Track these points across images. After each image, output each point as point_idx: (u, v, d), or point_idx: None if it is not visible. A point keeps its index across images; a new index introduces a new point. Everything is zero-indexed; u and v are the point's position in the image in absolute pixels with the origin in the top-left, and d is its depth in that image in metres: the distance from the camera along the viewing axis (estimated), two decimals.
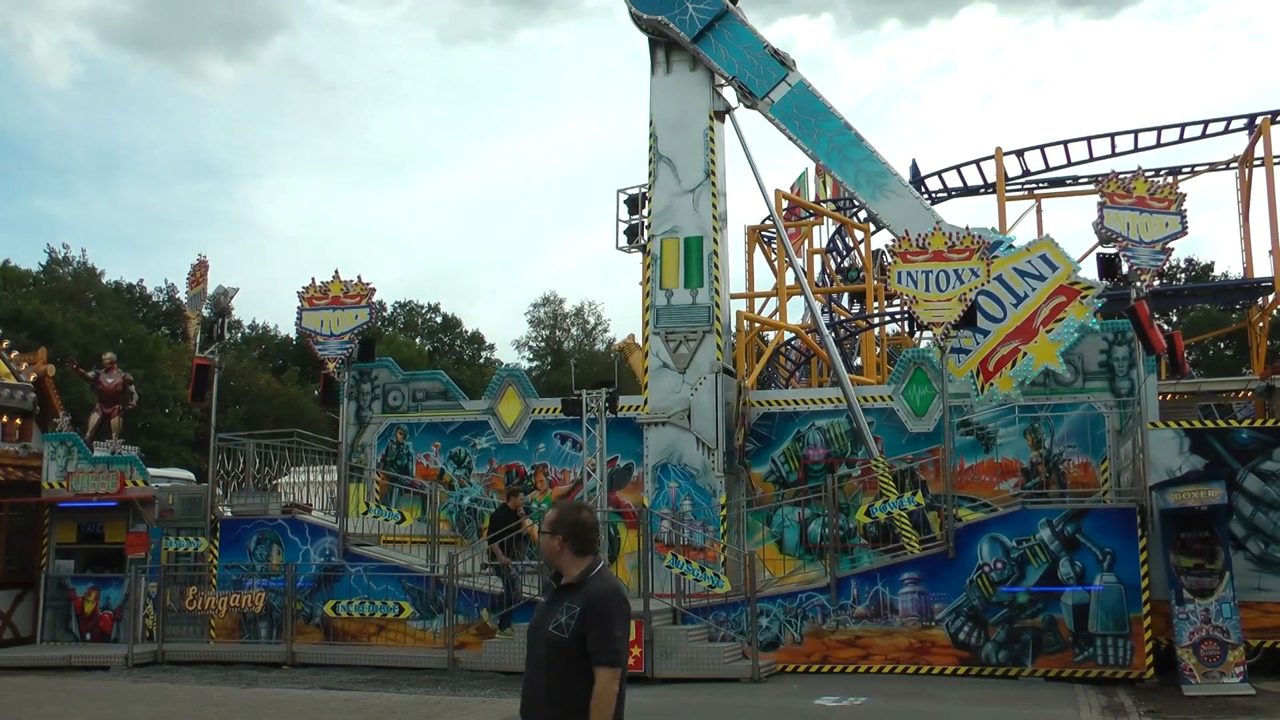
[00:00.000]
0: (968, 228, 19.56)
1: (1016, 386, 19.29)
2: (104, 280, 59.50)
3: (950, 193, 34.06)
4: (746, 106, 22.60)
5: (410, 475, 23.90)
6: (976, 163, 32.47)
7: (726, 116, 22.96)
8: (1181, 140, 30.73)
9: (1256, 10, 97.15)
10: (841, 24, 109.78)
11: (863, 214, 35.92)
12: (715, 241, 22.14)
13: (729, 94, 23.07)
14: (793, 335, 31.53)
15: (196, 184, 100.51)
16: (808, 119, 22.17)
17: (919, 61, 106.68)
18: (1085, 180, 32.25)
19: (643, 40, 23.18)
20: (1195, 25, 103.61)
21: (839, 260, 37.26)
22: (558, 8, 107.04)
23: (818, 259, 37.21)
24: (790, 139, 22.30)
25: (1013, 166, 31.90)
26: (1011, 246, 20.30)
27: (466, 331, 76.10)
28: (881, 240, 35.06)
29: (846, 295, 37.46)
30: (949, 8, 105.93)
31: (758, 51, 22.56)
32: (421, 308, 75.98)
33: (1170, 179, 28.66)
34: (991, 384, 19.48)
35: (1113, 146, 30.95)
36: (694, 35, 22.50)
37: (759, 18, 23.82)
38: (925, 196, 34.26)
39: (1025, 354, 19.26)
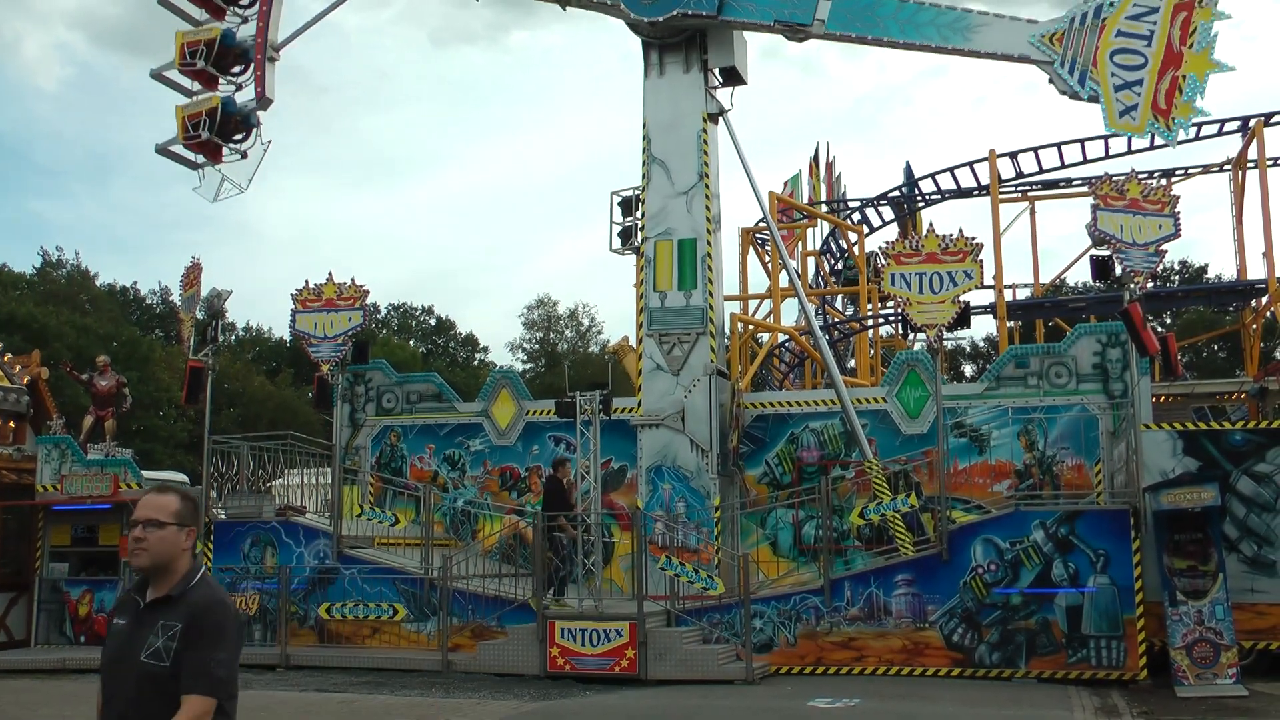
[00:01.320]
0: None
1: (1197, 109, 18.81)
2: (98, 283, 59.40)
3: (944, 195, 34.10)
4: (801, 40, 21.84)
5: (404, 477, 23.89)
6: (970, 165, 32.51)
7: (720, 119, 22.97)
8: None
9: (1247, 12, 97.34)
10: None
11: (856, 216, 36.06)
12: (709, 243, 22.15)
13: (722, 95, 23.08)
14: (786, 337, 31.56)
15: (189, 186, 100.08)
16: (864, 15, 21.36)
17: (910, 64, 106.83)
18: (1079, 182, 32.31)
19: (635, 42, 23.18)
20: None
21: (833, 262, 37.32)
22: (548, 10, 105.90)
23: (811, 261, 37.30)
24: (862, 42, 21.55)
25: (1006, 169, 31.95)
26: (1111, 4, 19.87)
27: (460, 334, 76.05)
28: (875, 242, 35.20)
29: (840, 297, 37.54)
30: None
31: None
32: (415, 310, 75.92)
33: (1164, 181, 28.70)
34: (1174, 119, 18.81)
35: (1106, 149, 30.98)
36: (715, 8, 22.06)
37: None
38: (918, 199, 34.46)
39: (1185, 76, 18.74)
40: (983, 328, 55.26)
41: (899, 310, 22.29)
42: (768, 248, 33.04)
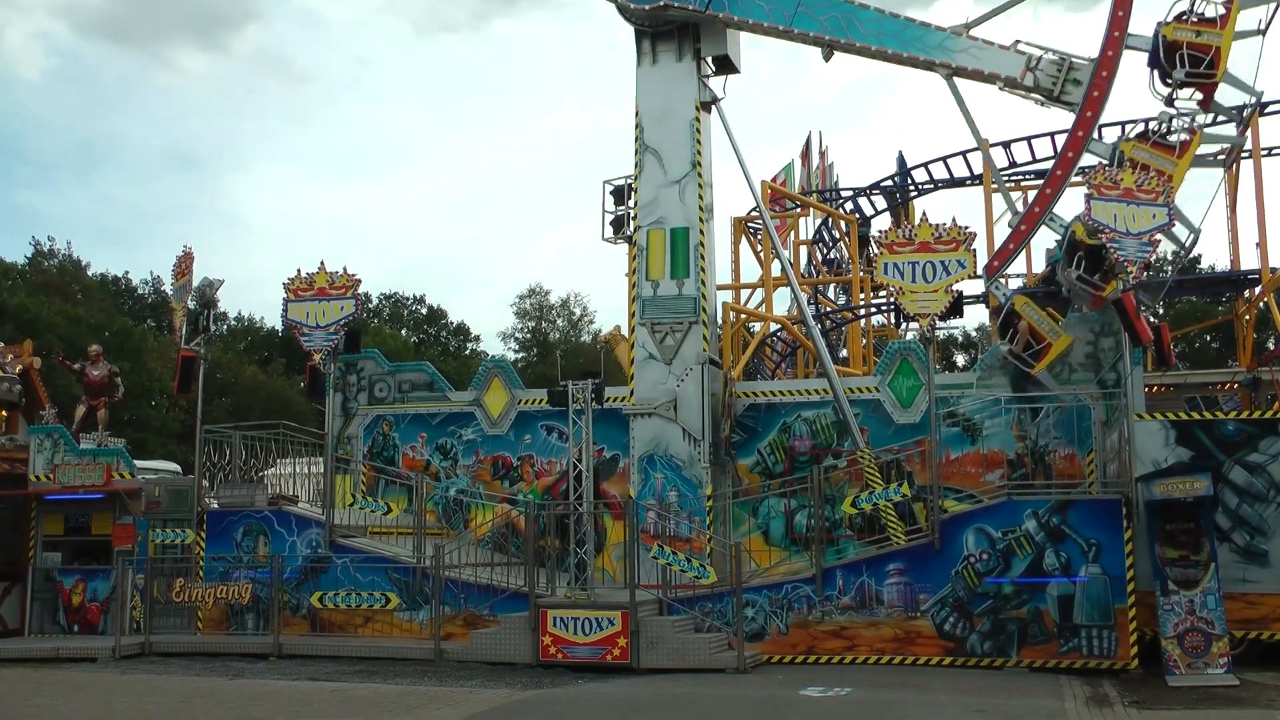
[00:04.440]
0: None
1: None
2: (90, 273, 59.24)
3: (937, 184, 34.09)
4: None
5: (396, 467, 23.89)
6: (963, 154, 32.50)
7: (713, 107, 22.95)
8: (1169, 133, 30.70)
9: None
10: None
11: (849, 205, 36.04)
12: (701, 232, 22.14)
13: (715, 84, 23.05)
14: (779, 326, 31.57)
15: (178, 177, 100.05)
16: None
17: None
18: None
19: (626, 32, 23.12)
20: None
21: (826, 250, 37.32)
22: None
23: (804, 250, 37.28)
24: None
25: (999, 158, 31.91)
26: None
27: (452, 323, 76.00)
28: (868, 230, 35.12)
29: (833, 286, 37.54)
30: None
31: None
32: (407, 299, 75.80)
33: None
34: None
35: (1100, 139, 30.92)
36: (705, 4, 22.22)
37: None
38: (911, 188, 34.46)
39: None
40: (975, 317, 55.32)
41: (892, 299, 22.27)
42: (760, 237, 33.02)
